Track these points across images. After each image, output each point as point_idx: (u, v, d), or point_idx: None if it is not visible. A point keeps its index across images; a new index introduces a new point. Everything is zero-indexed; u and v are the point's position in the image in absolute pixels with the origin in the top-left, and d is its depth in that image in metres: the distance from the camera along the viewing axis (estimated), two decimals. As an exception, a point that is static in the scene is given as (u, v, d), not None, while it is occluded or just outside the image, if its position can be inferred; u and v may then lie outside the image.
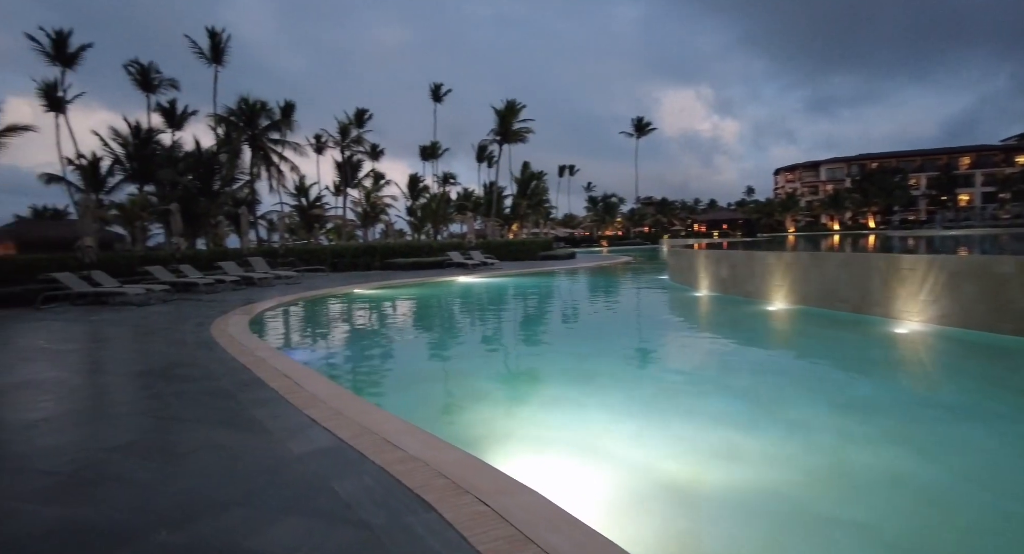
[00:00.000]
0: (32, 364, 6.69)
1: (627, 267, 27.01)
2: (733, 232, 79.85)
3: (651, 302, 14.28)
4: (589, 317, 11.92)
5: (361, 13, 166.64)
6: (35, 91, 36.91)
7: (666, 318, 11.73)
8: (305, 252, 25.58)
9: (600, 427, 4.65)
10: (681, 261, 16.40)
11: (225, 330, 8.67)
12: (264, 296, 13.97)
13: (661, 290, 15.97)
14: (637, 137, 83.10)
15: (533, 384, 6.22)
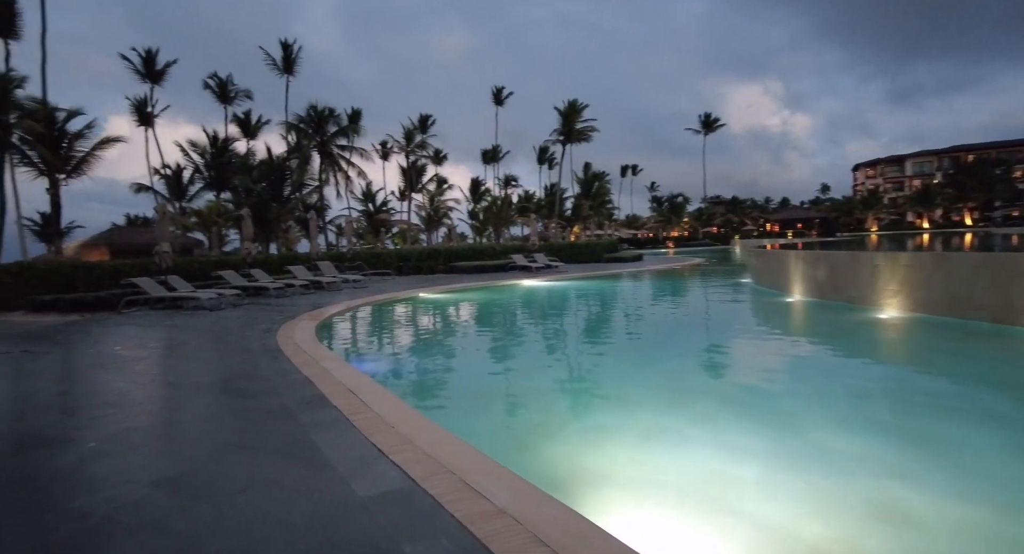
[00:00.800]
0: (101, 373, 6.56)
1: (700, 269, 25.56)
2: (808, 232, 75.34)
3: (739, 308, 13.11)
4: (672, 326, 10.95)
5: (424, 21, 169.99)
6: (128, 107, 39.58)
7: (762, 327, 10.56)
8: (372, 256, 25.75)
9: (715, 470, 3.84)
10: (768, 262, 15.06)
11: (291, 337, 8.40)
12: (332, 300, 13.86)
13: (746, 294, 14.73)
14: (705, 134, 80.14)
15: (623, 408, 5.45)
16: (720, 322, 11.20)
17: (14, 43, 29.40)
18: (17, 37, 29.59)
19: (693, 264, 27.96)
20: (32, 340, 9.20)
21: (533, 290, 17.68)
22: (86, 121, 27.52)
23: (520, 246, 30.34)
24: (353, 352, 8.72)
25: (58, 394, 5.47)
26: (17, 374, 6.52)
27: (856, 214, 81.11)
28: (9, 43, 29.33)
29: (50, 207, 26.83)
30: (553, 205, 59.42)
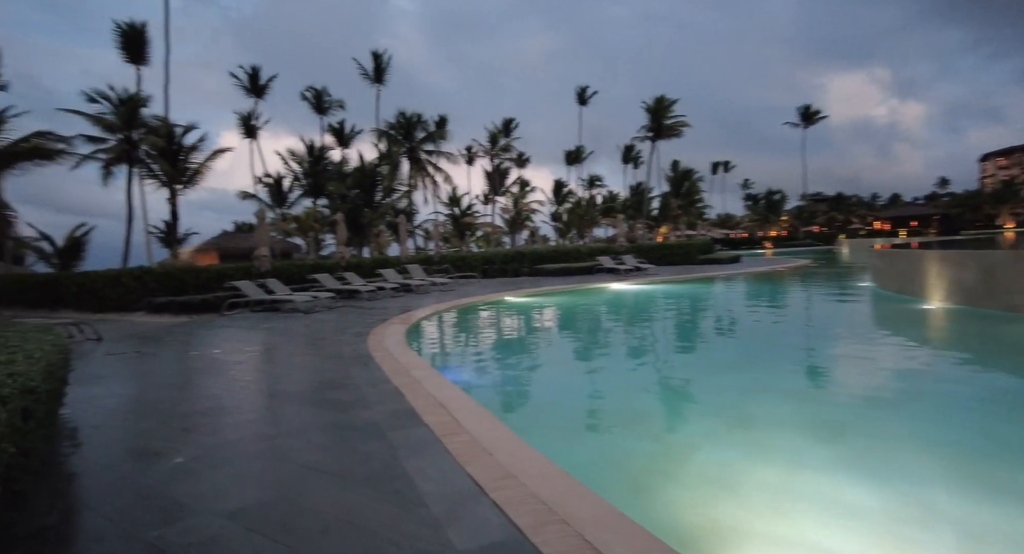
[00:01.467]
0: (199, 378, 6.62)
1: (808, 271, 23.44)
2: (925, 230, 67.98)
3: (867, 316, 11.62)
4: (793, 337, 9.76)
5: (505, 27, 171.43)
6: (235, 121, 42.72)
7: (904, 341, 9.14)
8: (457, 259, 25.86)
9: (888, 530, 3.01)
10: (895, 263, 13.31)
11: (382, 342, 8.21)
12: (420, 303, 13.79)
13: (872, 301, 13.09)
14: (804, 127, 74.98)
15: (752, 438, 4.64)
16: (848, 332, 9.84)
17: (144, 69, 32.55)
18: (146, 63, 32.68)
19: (798, 266, 25.74)
20: (145, 341, 9.68)
21: (623, 294, 16.82)
22: (199, 135, 29.80)
23: (606, 247, 29.38)
24: (442, 360, 8.39)
25: (156, 400, 5.48)
26: (124, 377, 6.71)
27: (985, 209, 72.46)
28: (140, 69, 32.49)
29: (170, 215, 29.28)
30: (639, 205, 57.61)
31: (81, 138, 25.45)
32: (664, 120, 45.51)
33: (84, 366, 7.41)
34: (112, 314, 14.69)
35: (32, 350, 3.12)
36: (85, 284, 15.50)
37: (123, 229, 27.60)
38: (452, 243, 54.08)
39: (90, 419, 4.75)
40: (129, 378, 6.55)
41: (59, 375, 3.31)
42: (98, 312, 15.07)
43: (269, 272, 14.45)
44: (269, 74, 43.66)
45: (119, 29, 31.72)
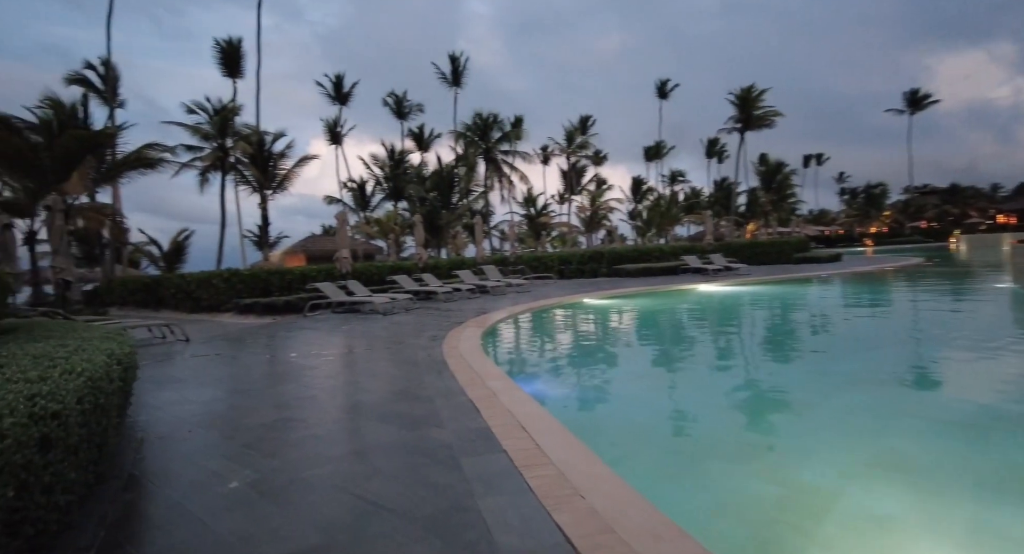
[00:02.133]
0: (273, 384, 6.45)
1: (923, 271, 20.93)
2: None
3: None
4: (932, 349, 8.37)
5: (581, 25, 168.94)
6: (322, 128, 44.60)
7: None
8: (533, 259, 25.35)
9: None
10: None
11: (457, 347, 7.78)
12: (496, 305, 13.35)
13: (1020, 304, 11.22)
14: (910, 113, 68.51)
15: (908, 482, 3.71)
16: (1011, 344, 8.31)
17: (239, 82, 34.60)
18: (241, 76, 34.70)
19: (910, 265, 23.10)
20: (227, 342, 9.82)
21: (714, 296, 15.58)
22: (287, 142, 31.18)
23: (691, 246, 27.81)
24: (519, 368, 7.82)
25: (228, 408, 5.27)
26: (200, 381, 6.64)
27: None
28: (236, 82, 34.56)
29: (261, 220, 30.80)
30: (725, 201, 54.71)
31: (182, 147, 27.36)
32: (753, 111, 42.76)
33: (167, 368, 7.49)
34: (204, 314, 15.35)
35: (76, 363, 2.83)
36: (181, 285, 16.35)
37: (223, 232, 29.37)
38: (527, 243, 53.76)
39: (157, 428, 4.57)
40: (204, 383, 6.47)
41: (109, 388, 2.98)
42: (192, 312, 15.81)
43: (350, 274, 14.55)
44: (352, 80, 45.27)
45: (218, 46, 33.89)
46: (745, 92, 43.29)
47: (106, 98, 26.94)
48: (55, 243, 8.82)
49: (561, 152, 51.37)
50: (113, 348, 3.60)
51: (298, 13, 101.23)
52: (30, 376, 2.38)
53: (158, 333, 10.69)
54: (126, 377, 3.66)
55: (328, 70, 44.43)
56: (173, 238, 32.08)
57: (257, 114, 33.08)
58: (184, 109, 28.83)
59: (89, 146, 15.28)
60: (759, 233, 55.40)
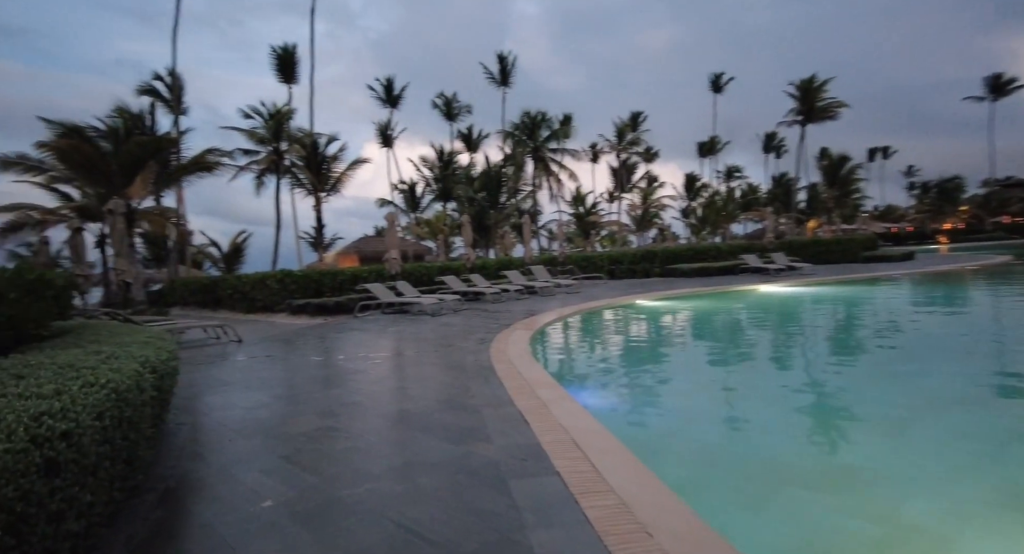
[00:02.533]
0: (317, 389, 6.31)
1: (1013, 270, 19.17)
2: None
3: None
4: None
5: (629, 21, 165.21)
6: (374, 132, 45.41)
7: None
8: (582, 259, 24.83)
9: None
10: None
11: (505, 351, 7.47)
12: (545, 306, 12.99)
13: None
14: (993, 100, 63.65)
15: None
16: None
17: (295, 88, 35.62)
18: (296, 82, 35.69)
19: (996, 263, 21.23)
20: (278, 343, 9.86)
21: (777, 297, 14.70)
22: (339, 145, 31.80)
23: (750, 245, 26.58)
24: (570, 375, 7.43)
25: (271, 415, 5.14)
26: (247, 384, 6.59)
27: None
28: (291, 87, 35.59)
29: (315, 221, 31.54)
30: (785, 197, 52.35)
31: (239, 151, 28.35)
32: (816, 102, 40.59)
33: (217, 370, 7.51)
34: (260, 315, 15.67)
35: (103, 373, 2.67)
36: (237, 286, 16.77)
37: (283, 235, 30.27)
38: (575, 243, 53.06)
39: (200, 434, 4.46)
40: (251, 386, 6.41)
41: (139, 400, 2.81)
42: (248, 313, 16.19)
43: (399, 274, 14.52)
44: (403, 85, 45.87)
45: (274, 53, 34.98)
46: (806, 83, 41.17)
47: (171, 106, 28.21)
48: (116, 246, 9.07)
49: (611, 149, 50.45)
50: (149, 355, 3.46)
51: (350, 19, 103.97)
52: (44, 391, 2.20)
53: (213, 334, 10.89)
54: (162, 385, 3.51)
55: (379, 74, 45.12)
56: (232, 240, 33.34)
57: (311, 119, 33.92)
58: (240, 114, 29.92)
59: (151, 151, 15.94)
60: (821, 231, 52.72)
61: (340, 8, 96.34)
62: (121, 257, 9.03)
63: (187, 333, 10.95)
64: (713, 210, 46.43)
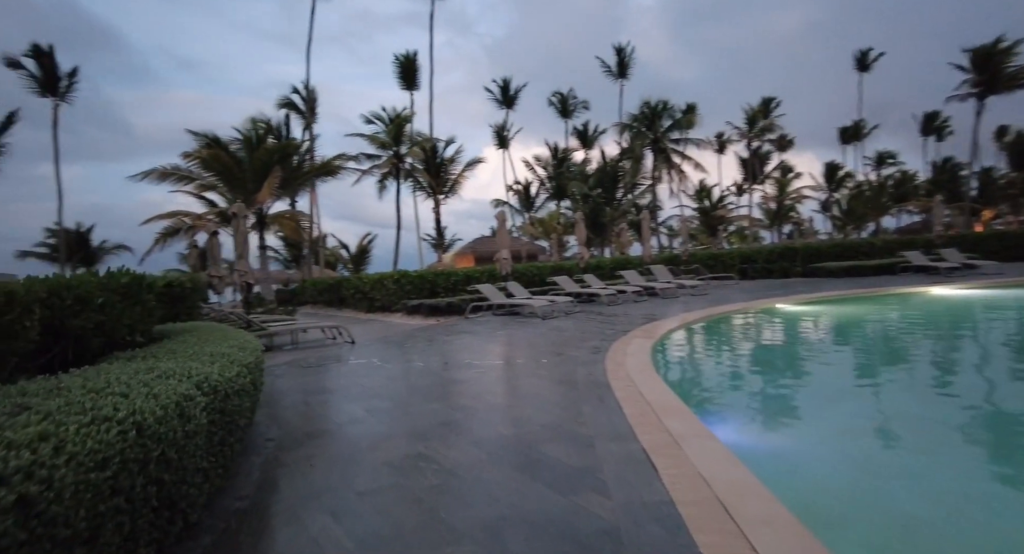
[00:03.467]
0: (416, 400, 5.83)
1: None
2: None
3: None
4: None
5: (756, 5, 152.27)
6: (490, 134, 45.94)
7: None
8: (709, 257, 22.85)
9: None
10: None
11: (623, 364, 6.54)
12: (668, 310, 11.75)
13: None
14: None
15: None
16: None
17: (416, 94, 36.97)
18: (417, 88, 37.02)
19: None
20: (389, 346, 9.69)
21: (958, 302, 12.16)
22: (456, 148, 32.36)
23: (911, 240, 22.87)
24: (704, 399, 6.29)
25: (361, 434, 4.68)
26: (347, 394, 6.29)
27: None
28: (412, 94, 36.98)
29: (434, 223, 32.38)
30: (950, 184, 45.16)
31: (363, 156, 29.81)
32: (1004, 67, 34.12)
33: (323, 376, 7.36)
34: (378, 314, 16.00)
35: (136, 400, 2.22)
36: (358, 286, 17.31)
37: (407, 236, 31.48)
38: (699, 240, 49.82)
39: (281, 454, 4.08)
40: (350, 396, 6.09)
41: (178, 434, 2.33)
42: (368, 312, 16.62)
43: (510, 275, 14.02)
44: (518, 85, 45.91)
45: (397, 61, 36.53)
46: (987, 48, 34.89)
47: (305, 116, 30.42)
48: (239, 248, 9.40)
49: (740, 137, 46.67)
50: (212, 372, 3.03)
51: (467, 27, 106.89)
52: (30, 432, 1.72)
53: (330, 334, 11.05)
54: (226, 407, 3.07)
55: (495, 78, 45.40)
56: (359, 242, 35.28)
57: (430, 124, 34.95)
58: (363, 120, 31.50)
59: (278, 157, 16.96)
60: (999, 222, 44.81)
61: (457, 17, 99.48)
62: (243, 259, 9.34)
63: (308, 332, 11.25)
64: (861, 201, 41.07)
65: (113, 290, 4.01)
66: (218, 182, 17.48)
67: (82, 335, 3.60)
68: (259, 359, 4.15)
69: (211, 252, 11.54)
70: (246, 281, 9.73)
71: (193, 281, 8.40)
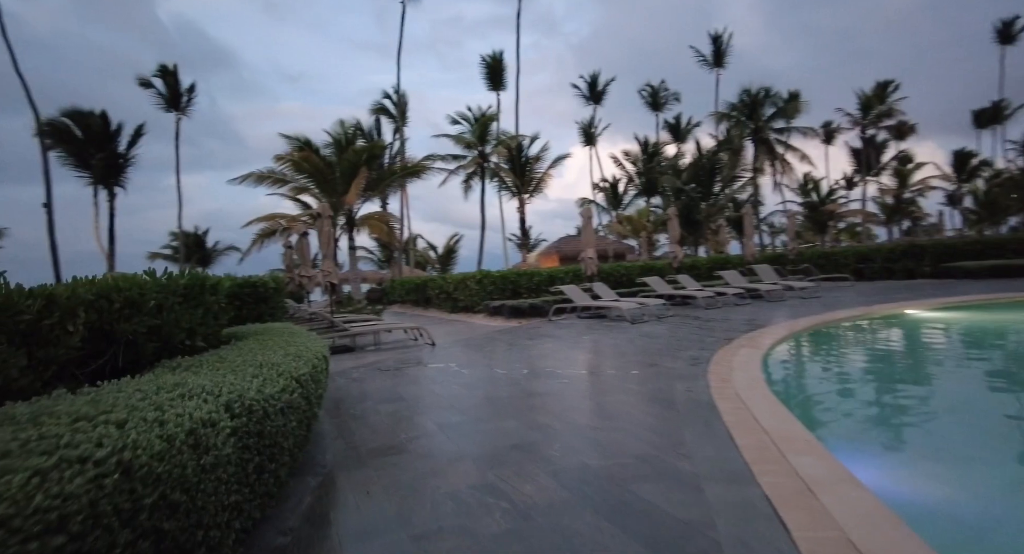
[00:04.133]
0: (485, 419, 5.30)
1: None
2: None
3: None
4: None
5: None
6: (576, 131, 45.04)
7: None
8: (819, 256, 20.72)
9: None
10: None
11: (729, 380, 5.66)
12: (774, 316, 10.50)
13: None
14: None
15: None
16: None
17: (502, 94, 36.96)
18: (504, 88, 36.99)
19: None
20: (468, 349, 9.29)
21: None
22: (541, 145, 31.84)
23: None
24: (837, 430, 5.24)
25: (425, 456, 4.20)
26: (421, 404, 5.89)
27: None
28: (499, 95, 37.01)
29: (519, 223, 32.06)
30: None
31: (449, 157, 30.04)
32: None
33: (398, 380, 7.04)
34: (461, 315, 15.78)
35: (174, 415, 1.83)
36: (442, 286, 17.22)
37: (493, 237, 31.50)
38: (803, 238, 45.96)
39: (338, 476, 3.67)
40: (423, 408, 5.68)
41: (188, 469, 1.91)
42: (452, 312, 16.46)
43: (596, 275, 13.26)
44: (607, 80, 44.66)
45: (484, 61, 36.65)
46: None
47: (396, 120, 31.21)
48: (323, 248, 9.39)
49: (853, 125, 42.48)
50: (247, 390, 2.63)
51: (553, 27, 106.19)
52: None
53: (411, 335, 10.86)
54: (263, 429, 2.66)
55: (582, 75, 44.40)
56: (446, 242, 35.73)
57: (516, 125, 34.71)
58: (449, 120, 31.79)
59: (366, 157, 17.22)
60: None
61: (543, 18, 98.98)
62: (328, 259, 9.31)
63: (392, 333, 11.14)
64: (1005, 193, 35.81)
65: (172, 292, 3.77)
66: (310, 184, 18.13)
67: (134, 340, 3.38)
68: (317, 369, 3.79)
69: (300, 252, 11.75)
70: (330, 281, 9.72)
71: (276, 281, 8.43)
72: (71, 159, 27.90)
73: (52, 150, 26.06)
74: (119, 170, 29.12)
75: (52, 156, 26.08)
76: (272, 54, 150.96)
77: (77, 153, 27.80)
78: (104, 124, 28.53)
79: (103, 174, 28.34)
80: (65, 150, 27.51)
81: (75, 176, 28.49)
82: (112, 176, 28.76)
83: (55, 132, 26.21)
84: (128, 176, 29.81)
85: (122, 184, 29.40)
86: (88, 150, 27.84)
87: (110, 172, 28.56)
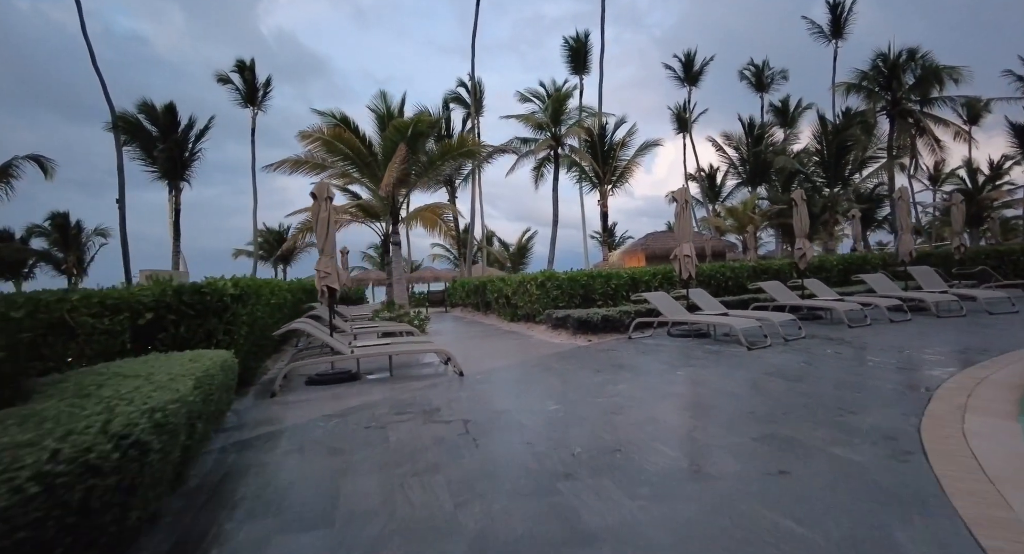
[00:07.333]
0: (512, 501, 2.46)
1: None
2: None
3: None
4: None
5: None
6: (669, 117, 40.89)
7: None
8: (987, 255, 15.96)
9: None
10: None
11: (955, 454, 2.45)
12: (977, 342, 6.81)
13: None
14: None
15: None
16: None
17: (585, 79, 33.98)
18: (588, 72, 34.02)
19: None
20: (509, 387, 6.50)
21: None
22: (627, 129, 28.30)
23: None
24: None
25: None
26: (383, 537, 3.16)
27: None
28: (582, 78, 34.06)
29: (600, 217, 28.75)
30: None
31: (516, 140, 27.31)
32: None
33: (363, 461, 4.33)
34: (521, 324, 13.03)
35: None
36: (500, 289, 14.55)
37: (574, 234, 28.59)
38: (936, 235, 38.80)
39: None
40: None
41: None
42: (511, 321, 13.75)
43: (693, 278, 10.00)
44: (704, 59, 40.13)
45: (566, 43, 33.76)
46: None
47: (470, 108, 29.15)
48: (319, 241, 7.00)
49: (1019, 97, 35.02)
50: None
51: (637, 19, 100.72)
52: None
53: (441, 358, 8.26)
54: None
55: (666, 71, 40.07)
56: (518, 239, 33.07)
57: (600, 106, 31.43)
58: (518, 98, 28.97)
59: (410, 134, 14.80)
60: None
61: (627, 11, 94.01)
62: (325, 256, 6.88)
63: (424, 356, 8.59)
64: None
65: None
66: (349, 168, 16.09)
67: None
68: None
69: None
70: (327, 285, 7.31)
71: (242, 286, 6.12)
72: (141, 153, 28.13)
73: (126, 146, 26.18)
74: (184, 165, 29.06)
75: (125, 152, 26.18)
76: (361, 60, 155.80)
77: (145, 147, 27.98)
78: (171, 117, 28.52)
79: (166, 168, 28.32)
80: (138, 145, 27.74)
81: (143, 171, 28.76)
82: (177, 170, 28.70)
83: (128, 128, 26.33)
84: (193, 171, 29.75)
85: (187, 178, 29.34)
86: (155, 144, 27.97)
87: (174, 165, 28.50)
